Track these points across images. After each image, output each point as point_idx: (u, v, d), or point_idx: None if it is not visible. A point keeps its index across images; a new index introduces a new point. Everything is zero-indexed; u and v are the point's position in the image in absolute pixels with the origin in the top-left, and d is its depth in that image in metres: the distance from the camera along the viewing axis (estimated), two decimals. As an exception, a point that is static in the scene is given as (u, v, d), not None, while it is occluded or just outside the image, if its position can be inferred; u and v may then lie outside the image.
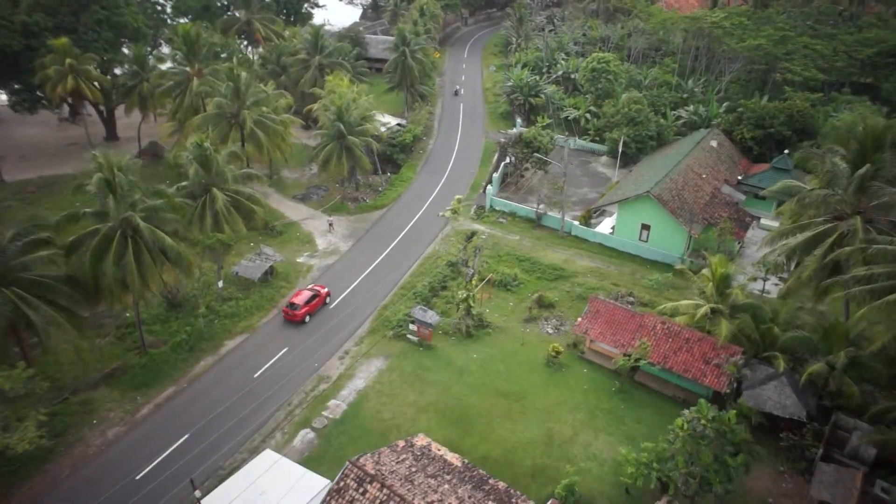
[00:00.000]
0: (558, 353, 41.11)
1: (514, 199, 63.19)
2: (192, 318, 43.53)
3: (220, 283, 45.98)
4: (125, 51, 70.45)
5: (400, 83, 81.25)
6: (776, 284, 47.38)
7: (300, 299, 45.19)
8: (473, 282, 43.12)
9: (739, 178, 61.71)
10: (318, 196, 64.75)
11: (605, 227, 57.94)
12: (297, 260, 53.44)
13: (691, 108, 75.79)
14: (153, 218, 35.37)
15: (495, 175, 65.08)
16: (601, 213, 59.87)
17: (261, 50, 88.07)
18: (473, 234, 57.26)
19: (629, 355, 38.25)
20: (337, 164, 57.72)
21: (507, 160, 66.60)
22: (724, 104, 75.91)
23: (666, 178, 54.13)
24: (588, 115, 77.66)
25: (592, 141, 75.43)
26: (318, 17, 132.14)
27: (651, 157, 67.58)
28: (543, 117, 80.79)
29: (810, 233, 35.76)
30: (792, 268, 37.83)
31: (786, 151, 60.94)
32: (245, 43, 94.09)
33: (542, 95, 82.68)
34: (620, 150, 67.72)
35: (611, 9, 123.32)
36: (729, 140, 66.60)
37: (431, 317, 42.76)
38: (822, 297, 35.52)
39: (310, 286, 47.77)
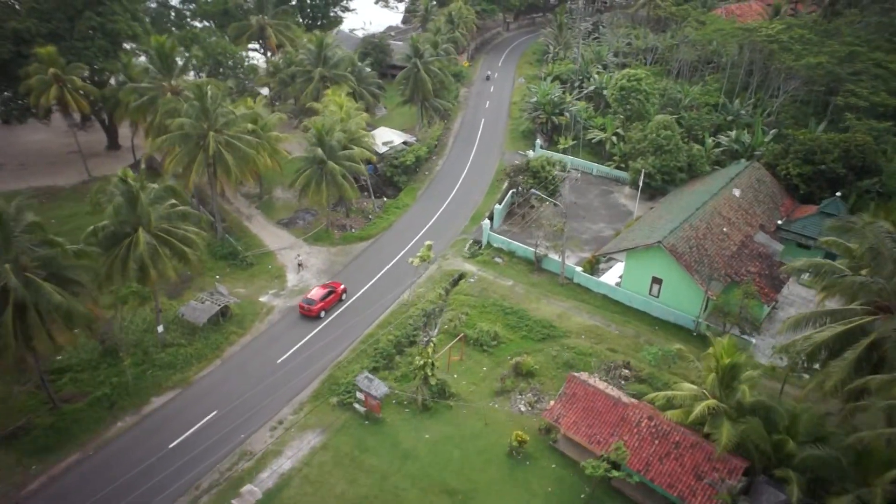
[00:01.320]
0: (523, 442, 34.40)
1: (518, 234, 56.32)
2: (124, 368, 39.14)
3: (161, 328, 41.45)
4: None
5: (412, 97, 75.42)
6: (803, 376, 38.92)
7: (316, 295, 46.10)
8: (430, 350, 36.86)
9: (779, 222, 52.81)
10: (304, 221, 59.79)
11: (612, 275, 50.42)
12: (261, 299, 48.53)
13: (733, 134, 66.70)
14: (50, 268, 30.95)
15: (498, 207, 58.33)
16: (610, 258, 52.31)
17: (274, 58, 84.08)
18: (461, 276, 51.00)
19: (604, 457, 31.19)
20: (315, 192, 52.47)
21: (515, 189, 59.72)
22: (772, 131, 66.40)
23: (685, 223, 46.20)
24: (615, 139, 69.70)
25: (618, 168, 67.50)
26: (354, 20, 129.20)
27: (679, 191, 59.21)
28: (567, 139, 73.58)
29: (841, 327, 27.74)
30: (817, 365, 29.77)
31: (838, 194, 51.65)
32: (262, 50, 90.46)
33: (567, 114, 75.20)
34: (642, 183, 59.71)
35: (661, 16, 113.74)
36: (772, 175, 57.50)
37: (378, 387, 36.79)
38: (854, 412, 27.46)
39: (326, 282, 48.92)
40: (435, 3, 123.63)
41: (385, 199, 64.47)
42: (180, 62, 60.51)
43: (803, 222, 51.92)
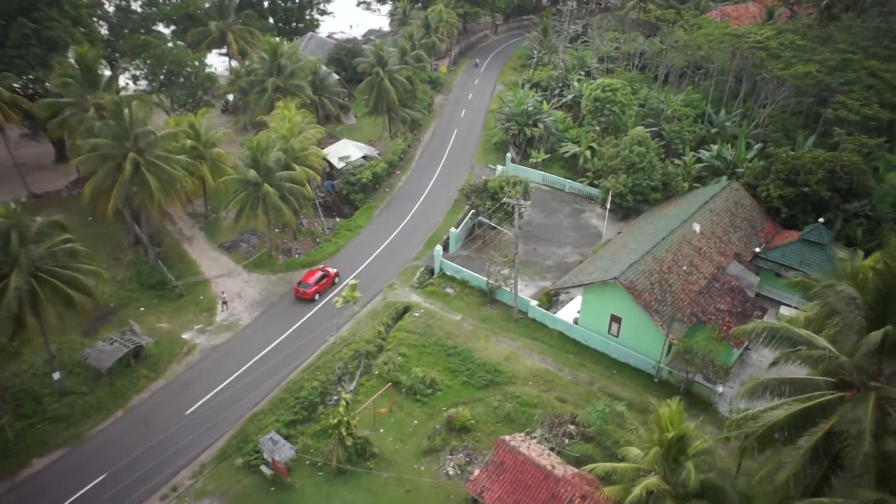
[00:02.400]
0: (442, 518, 30.17)
1: (476, 261, 51.91)
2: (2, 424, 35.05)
3: (57, 375, 37.37)
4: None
5: (376, 108, 71.09)
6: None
7: (311, 279, 48.46)
8: (342, 408, 32.54)
9: (758, 249, 48.20)
10: (248, 244, 55.60)
11: (571, 310, 45.98)
12: (184, 335, 44.34)
13: (714, 149, 62.00)
14: None
15: (454, 231, 53.94)
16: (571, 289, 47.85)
17: (237, 66, 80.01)
18: (406, 309, 46.81)
19: (527, 544, 26.85)
20: (250, 216, 48.29)
21: (475, 210, 55.29)
22: (757, 146, 61.64)
23: (648, 254, 41.72)
24: (588, 153, 65.14)
25: (591, 184, 62.93)
26: (338, 24, 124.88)
27: (651, 213, 54.66)
28: (539, 152, 69.14)
29: (798, 406, 23.21)
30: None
31: (821, 220, 46.96)
32: (229, 58, 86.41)
33: (541, 125, 70.71)
34: (609, 205, 55.17)
35: (652, 20, 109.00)
36: (752, 197, 52.81)
37: (283, 450, 32.56)
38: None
39: (320, 266, 51.10)
40: (419, 5, 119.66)
41: (337, 219, 60.17)
42: (121, 73, 56.46)
43: (783, 250, 47.30)
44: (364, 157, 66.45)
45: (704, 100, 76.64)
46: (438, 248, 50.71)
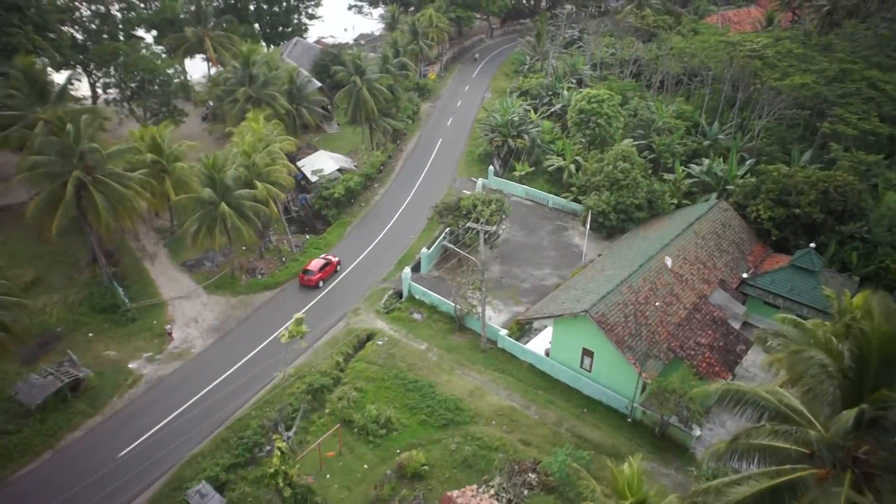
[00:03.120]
0: (380, 585, 27.44)
1: (448, 283, 49.15)
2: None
3: (-17, 412, 34.97)
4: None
5: (354, 118, 68.46)
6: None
7: (314, 266, 50.24)
8: (275, 459, 29.85)
9: (745, 275, 45.24)
10: (212, 263, 53.00)
11: (543, 340, 43.13)
12: (130, 365, 41.78)
13: (705, 164, 58.98)
14: None
15: (425, 251, 51.23)
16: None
17: (215, 73, 77.62)
18: (369, 336, 44.17)
19: None
20: (206, 237, 45.74)
21: (449, 229, 52.54)
22: (749, 162, 58.57)
23: (625, 283, 38.88)
24: (573, 167, 62.29)
25: (575, 200, 60.02)
26: (332, 29, 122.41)
27: (634, 234, 51.75)
28: (524, 165, 66.36)
29: (766, 482, 20.33)
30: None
31: (812, 245, 43.92)
32: (208, 65, 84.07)
33: (526, 136, 67.90)
34: (596, 222, 52.44)
35: (647, 26, 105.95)
36: (741, 218, 49.82)
37: (213, 502, 29.93)
38: None
39: (322, 255, 52.34)
40: (412, 8, 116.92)
41: (307, 236, 57.51)
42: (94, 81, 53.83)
43: (772, 276, 44.30)
44: (339, 170, 63.84)
45: (699, 110, 73.69)
46: (407, 270, 47.93)
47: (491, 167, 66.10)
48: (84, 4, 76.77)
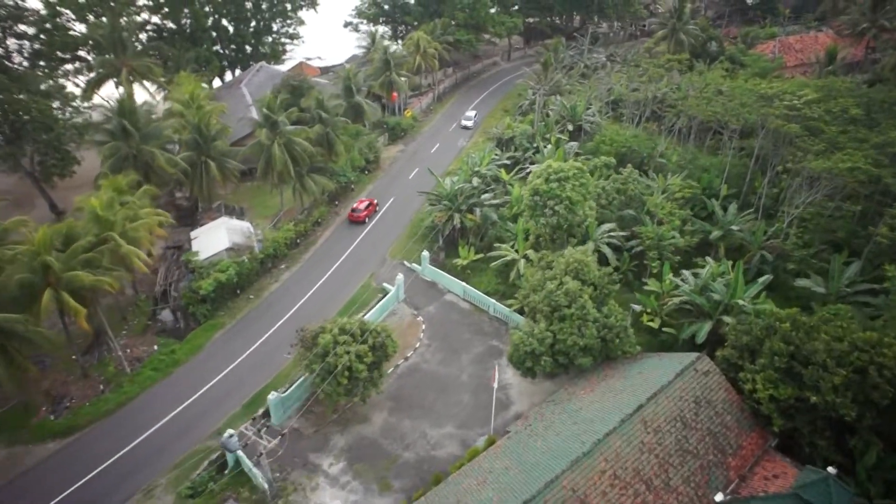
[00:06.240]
0: None
1: (312, 440, 34.92)
2: None
3: None
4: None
5: (265, 178, 55.05)
6: None
7: (361, 206, 59.12)
8: None
9: (718, 499, 28.69)
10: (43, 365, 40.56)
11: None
12: None
13: (704, 273, 42.13)
14: None
15: (273, 396, 36.82)
16: None
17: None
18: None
19: None
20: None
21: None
22: (763, 279, 41.38)
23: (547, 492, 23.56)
24: (522, 264, 46.71)
25: (521, 310, 44.36)
26: (323, 50, 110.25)
27: (574, 394, 35.70)
28: (469, 250, 51.29)
29: None
30: None
31: (831, 470, 27.08)
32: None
33: (478, 211, 52.67)
34: (526, 367, 36.93)
35: (681, 62, 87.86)
36: (730, 386, 33.04)
37: None
38: None
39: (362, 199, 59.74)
40: (409, 28, 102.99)
41: (155, 346, 44.22)
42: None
43: (759, 503, 27.75)
44: (231, 248, 50.47)
45: (720, 175, 56.44)
46: (229, 434, 33.49)
47: (425, 252, 51.12)
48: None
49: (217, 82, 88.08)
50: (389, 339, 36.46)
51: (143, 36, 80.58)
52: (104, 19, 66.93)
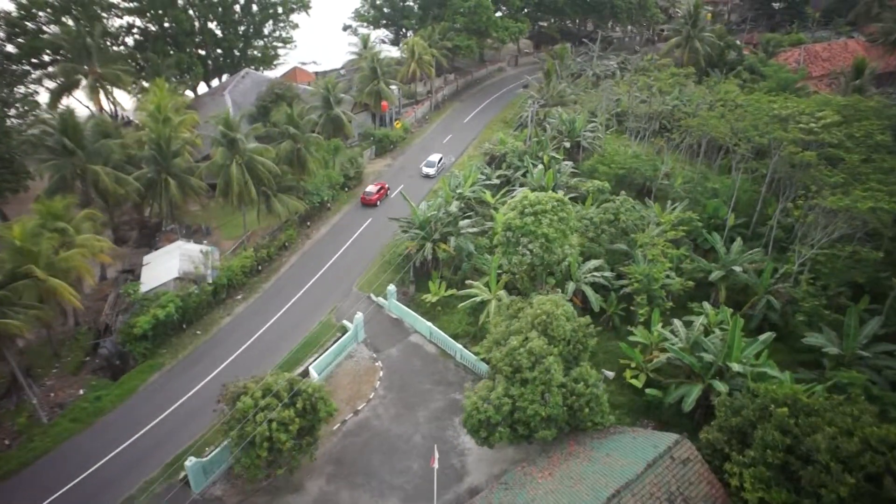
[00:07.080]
0: None
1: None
2: None
3: None
4: None
5: (225, 199, 50.77)
6: None
7: (373, 189, 61.64)
8: None
9: None
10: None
11: None
12: None
13: (696, 325, 36.64)
14: None
15: (191, 462, 32.32)
16: None
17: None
18: None
19: None
20: None
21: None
22: (764, 337, 35.70)
23: None
24: (495, 304, 41.61)
25: (487, 360, 39.26)
26: (322, 55, 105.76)
27: (525, 474, 30.54)
28: (441, 286, 46.41)
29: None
30: None
31: None
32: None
33: (452, 241, 47.71)
34: (484, 435, 31.86)
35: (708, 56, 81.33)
36: (713, 481, 27.60)
37: None
38: None
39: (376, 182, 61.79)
40: (408, 32, 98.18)
41: (82, 391, 40.07)
42: None
43: None
44: (180, 278, 46.19)
45: (727, 203, 50.85)
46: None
47: (391, 286, 46.29)
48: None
49: (204, 88, 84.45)
50: (322, 400, 31.70)
51: (129, 40, 77.31)
52: (70, 23, 63.26)
